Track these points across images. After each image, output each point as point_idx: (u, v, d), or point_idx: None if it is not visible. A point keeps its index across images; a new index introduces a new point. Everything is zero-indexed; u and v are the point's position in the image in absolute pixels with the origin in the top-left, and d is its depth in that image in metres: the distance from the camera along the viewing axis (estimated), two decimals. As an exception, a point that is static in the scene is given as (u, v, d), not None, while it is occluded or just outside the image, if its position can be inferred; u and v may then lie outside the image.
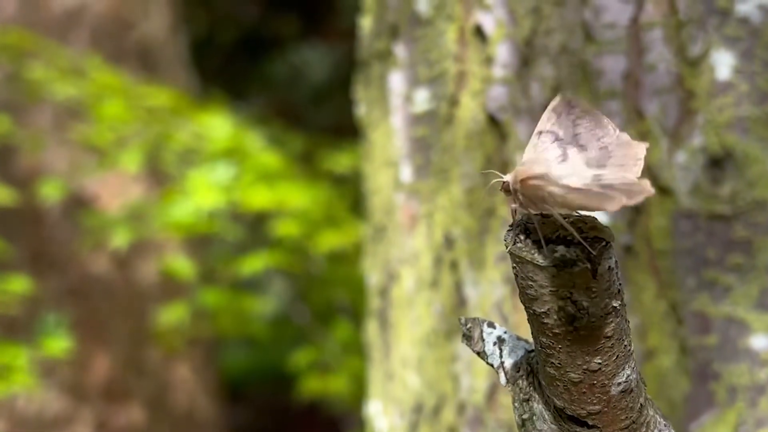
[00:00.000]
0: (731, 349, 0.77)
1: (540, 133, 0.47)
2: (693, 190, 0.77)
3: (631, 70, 0.78)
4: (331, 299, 2.09)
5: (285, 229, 1.84)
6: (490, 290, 0.81)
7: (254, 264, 1.91)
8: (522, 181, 0.43)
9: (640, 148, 0.45)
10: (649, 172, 0.78)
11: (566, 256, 0.44)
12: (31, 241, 2.75)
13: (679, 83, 0.78)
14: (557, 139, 0.46)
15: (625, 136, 0.46)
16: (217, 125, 2.03)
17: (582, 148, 0.45)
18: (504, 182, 0.45)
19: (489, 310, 0.80)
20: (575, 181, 0.43)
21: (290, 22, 3.58)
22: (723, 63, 0.78)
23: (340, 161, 2.43)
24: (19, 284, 1.88)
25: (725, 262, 0.78)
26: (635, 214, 0.78)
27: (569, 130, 0.46)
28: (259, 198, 1.83)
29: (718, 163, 0.78)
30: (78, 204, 2.71)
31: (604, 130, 0.46)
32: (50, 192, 2.06)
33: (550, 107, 0.48)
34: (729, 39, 0.78)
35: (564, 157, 0.45)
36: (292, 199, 1.84)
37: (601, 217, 0.76)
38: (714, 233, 0.77)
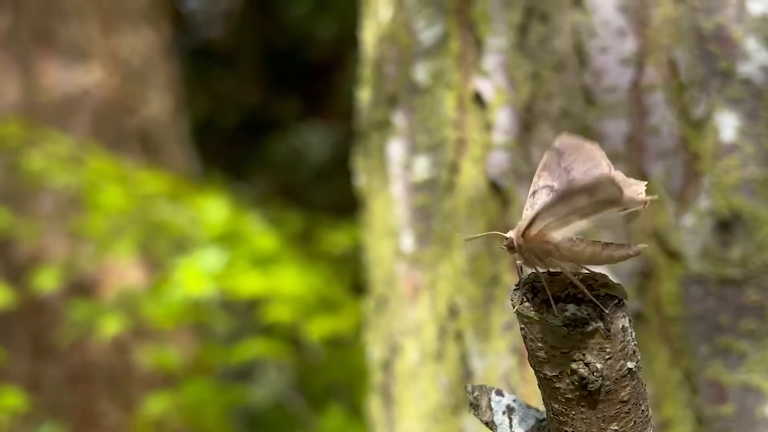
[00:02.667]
0: (748, 419, 0.74)
1: (534, 193, 0.46)
2: (702, 254, 0.75)
3: (633, 134, 0.77)
4: (328, 384, 2.06)
5: (276, 314, 1.83)
6: (497, 361, 0.78)
7: (245, 353, 1.89)
8: (525, 235, 0.41)
9: (639, 186, 0.44)
10: (656, 236, 0.76)
11: (577, 314, 0.42)
12: (31, 326, 2.72)
13: (684, 145, 0.77)
14: (553, 191, 0.44)
15: (621, 175, 0.45)
16: (214, 209, 2.03)
17: None
18: (507, 239, 0.43)
19: (496, 382, 0.78)
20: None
21: (290, 104, 3.61)
22: (727, 124, 0.77)
23: (338, 241, 2.43)
24: (13, 399, 1.84)
25: (738, 327, 0.75)
26: (644, 279, 0.76)
27: (563, 178, 0.45)
28: (250, 285, 1.82)
29: (726, 226, 0.76)
30: (77, 289, 2.69)
31: (598, 169, 0.45)
32: (45, 282, 2.05)
33: (539, 167, 0.47)
34: (732, 100, 0.77)
35: None
36: (284, 284, 1.83)
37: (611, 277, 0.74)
38: (725, 298, 0.75)
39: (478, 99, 0.81)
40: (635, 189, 0.45)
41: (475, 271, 0.80)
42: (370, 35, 0.93)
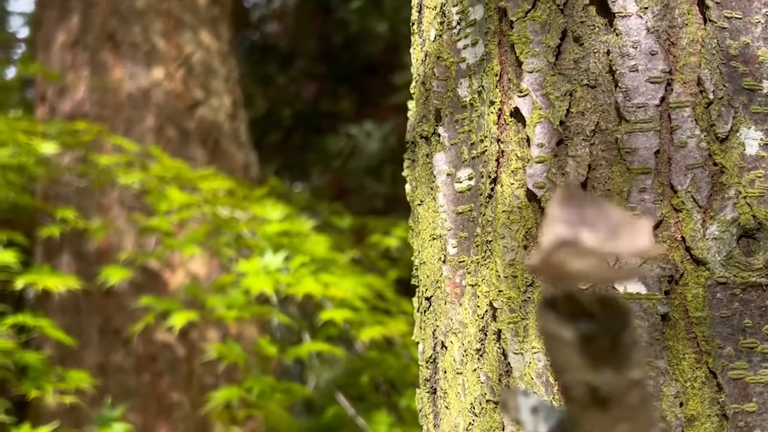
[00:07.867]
0: (772, 416, 0.79)
1: None
2: (727, 260, 0.80)
3: (662, 148, 0.82)
4: (371, 382, 2.16)
5: (331, 316, 1.96)
6: (534, 360, 0.84)
7: (302, 351, 2.01)
8: (546, 257, 0.47)
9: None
10: (683, 243, 0.81)
11: (589, 328, 0.48)
12: (99, 311, 2.84)
13: (710, 159, 0.81)
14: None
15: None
16: (271, 214, 2.15)
17: None
18: (532, 260, 0.49)
19: (534, 378, 0.84)
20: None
21: (346, 99, 3.67)
22: (752, 138, 0.81)
23: (389, 240, 2.51)
24: (81, 378, 1.95)
25: (762, 329, 0.80)
26: (672, 284, 0.81)
27: None
28: (307, 287, 1.94)
29: (751, 235, 0.81)
30: (145, 273, 2.80)
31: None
32: (112, 276, 2.17)
33: None
34: (757, 115, 0.82)
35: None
36: (337, 289, 1.96)
37: (638, 285, 0.79)
38: (749, 302, 0.80)
39: (517, 115, 0.87)
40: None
41: (513, 275, 0.86)
42: (417, 52, 0.99)
